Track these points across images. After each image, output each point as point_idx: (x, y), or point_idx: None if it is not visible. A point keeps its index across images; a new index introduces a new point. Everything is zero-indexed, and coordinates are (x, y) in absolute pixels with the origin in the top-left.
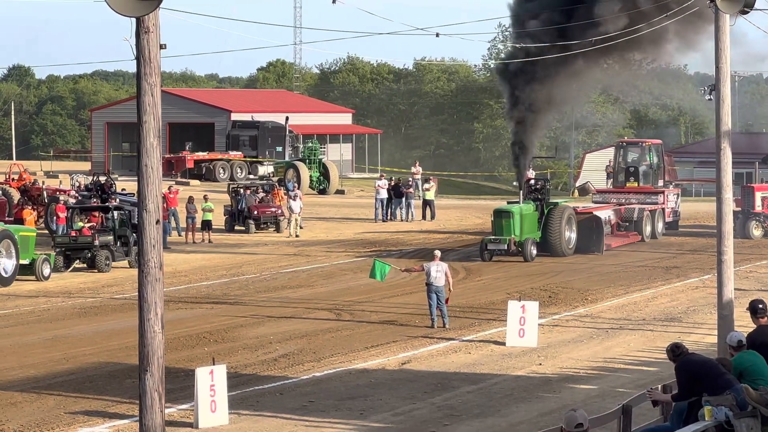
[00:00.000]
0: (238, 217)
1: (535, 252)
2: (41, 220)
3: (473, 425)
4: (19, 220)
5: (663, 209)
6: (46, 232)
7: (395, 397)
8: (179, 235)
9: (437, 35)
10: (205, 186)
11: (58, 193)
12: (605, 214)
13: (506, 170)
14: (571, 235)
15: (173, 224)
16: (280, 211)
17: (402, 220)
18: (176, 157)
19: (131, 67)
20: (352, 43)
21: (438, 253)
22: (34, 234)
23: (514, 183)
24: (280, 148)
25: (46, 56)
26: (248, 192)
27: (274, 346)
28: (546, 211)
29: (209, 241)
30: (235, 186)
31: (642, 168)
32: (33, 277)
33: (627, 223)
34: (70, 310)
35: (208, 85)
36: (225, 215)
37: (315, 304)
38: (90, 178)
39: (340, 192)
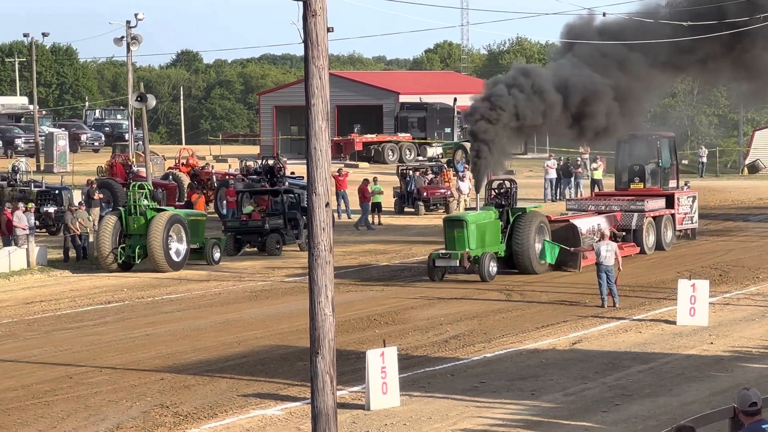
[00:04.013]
0: (407, 199)
1: (495, 269)
2: (211, 205)
3: (644, 405)
4: (189, 204)
5: (672, 215)
6: (216, 216)
7: (566, 377)
8: (348, 218)
9: (604, 15)
10: (374, 168)
11: (227, 177)
12: (592, 222)
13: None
14: (542, 247)
15: (343, 207)
16: (449, 192)
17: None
18: (345, 140)
19: (299, 51)
20: (519, 23)
21: (607, 232)
22: (204, 218)
23: (684, 161)
24: (449, 129)
25: (214, 41)
26: (417, 174)
27: (444, 327)
28: (512, 219)
29: (379, 224)
30: (404, 168)
31: (649, 166)
32: (203, 261)
33: (624, 233)
34: (241, 294)
35: (376, 67)
36: (394, 197)
37: (485, 285)
38: (259, 161)
39: (508, 172)
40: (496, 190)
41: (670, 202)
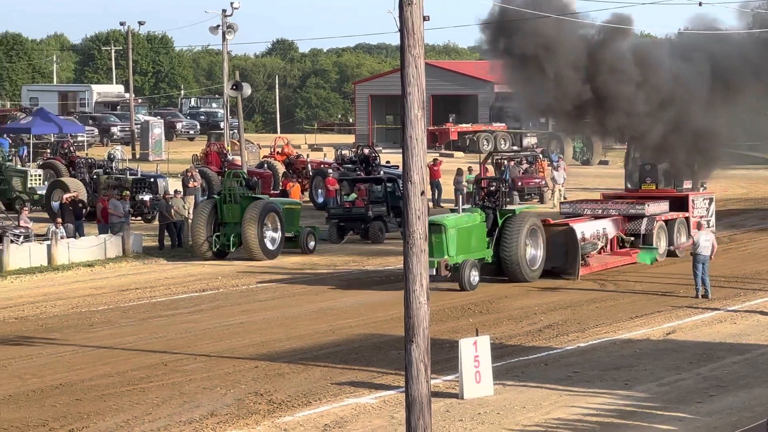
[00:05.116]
0: None
1: (476, 278)
2: (306, 193)
3: (739, 396)
4: (284, 193)
5: (686, 219)
6: (311, 204)
7: (660, 367)
8: (440, 207)
9: (700, 4)
10: (469, 158)
11: (322, 165)
12: (596, 226)
13: None
14: (535, 252)
15: (435, 196)
16: (543, 182)
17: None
18: (440, 129)
19: (394, 40)
20: (614, 13)
21: (704, 222)
22: (299, 207)
23: None
24: (544, 119)
25: (310, 30)
26: (512, 163)
27: (538, 316)
28: (501, 222)
29: None
30: (499, 157)
31: (662, 166)
32: (298, 250)
33: (632, 238)
34: (335, 282)
35: (471, 57)
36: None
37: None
38: (354, 150)
39: (603, 162)
40: (485, 190)
41: (684, 205)
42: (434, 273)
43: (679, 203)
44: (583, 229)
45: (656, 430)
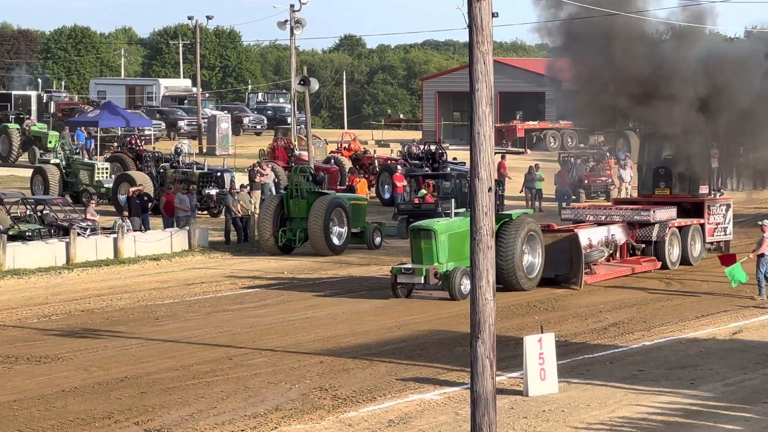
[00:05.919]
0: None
1: (468, 286)
2: (372, 189)
3: None
4: (351, 188)
5: (702, 225)
6: (378, 200)
7: (726, 367)
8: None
9: None
10: (536, 155)
11: (389, 161)
12: (603, 232)
13: None
14: (533, 260)
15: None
16: (610, 180)
17: (734, 189)
18: (507, 126)
19: (462, 37)
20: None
21: (767, 222)
22: (366, 202)
23: None
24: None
25: (378, 26)
26: (579, 161)
27: (603, 314)
28: (496, 227)
29: (539, 210)
30: (566, 155)
31: (677, 169)
32: (364, 245)
33: (643, 245)
34: None
35: (538, 54)
36: (555, 184)
37: (645, 273)
38: (420, 146)
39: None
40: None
41: (699, 211)
42: (423, 281)
43: (695, 209)
44: (590, 235)
45: (722, 429)
